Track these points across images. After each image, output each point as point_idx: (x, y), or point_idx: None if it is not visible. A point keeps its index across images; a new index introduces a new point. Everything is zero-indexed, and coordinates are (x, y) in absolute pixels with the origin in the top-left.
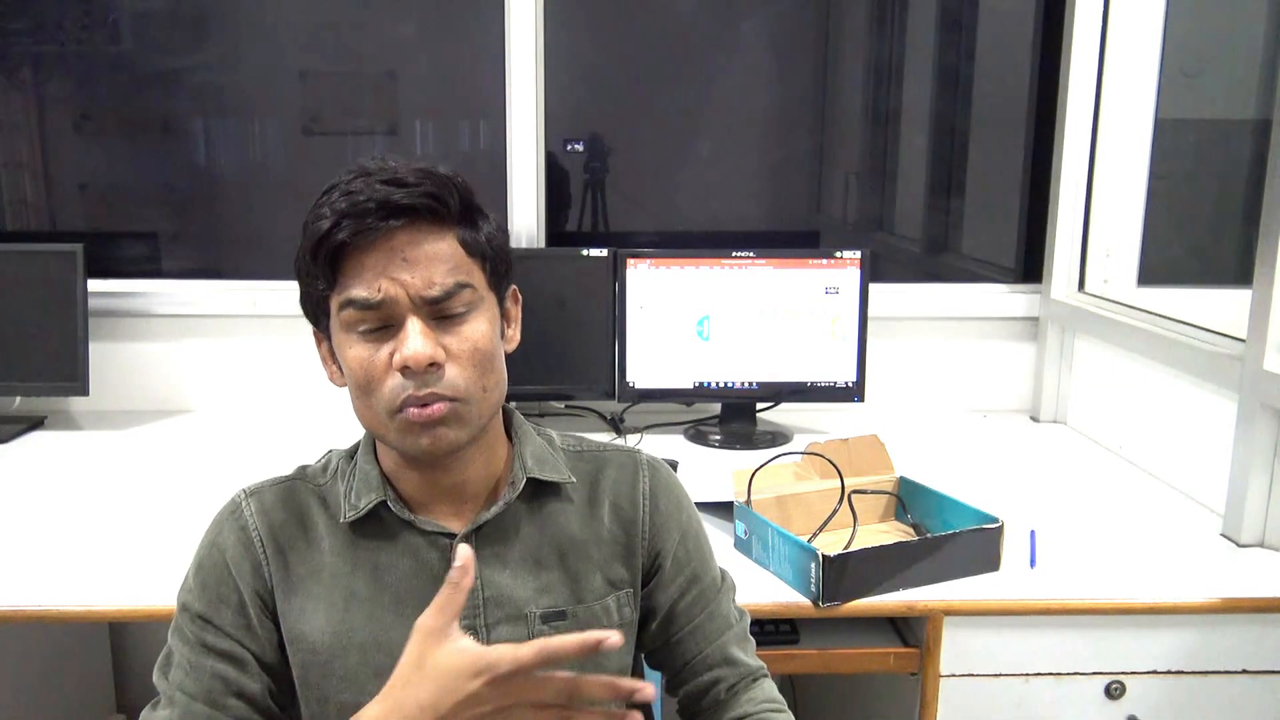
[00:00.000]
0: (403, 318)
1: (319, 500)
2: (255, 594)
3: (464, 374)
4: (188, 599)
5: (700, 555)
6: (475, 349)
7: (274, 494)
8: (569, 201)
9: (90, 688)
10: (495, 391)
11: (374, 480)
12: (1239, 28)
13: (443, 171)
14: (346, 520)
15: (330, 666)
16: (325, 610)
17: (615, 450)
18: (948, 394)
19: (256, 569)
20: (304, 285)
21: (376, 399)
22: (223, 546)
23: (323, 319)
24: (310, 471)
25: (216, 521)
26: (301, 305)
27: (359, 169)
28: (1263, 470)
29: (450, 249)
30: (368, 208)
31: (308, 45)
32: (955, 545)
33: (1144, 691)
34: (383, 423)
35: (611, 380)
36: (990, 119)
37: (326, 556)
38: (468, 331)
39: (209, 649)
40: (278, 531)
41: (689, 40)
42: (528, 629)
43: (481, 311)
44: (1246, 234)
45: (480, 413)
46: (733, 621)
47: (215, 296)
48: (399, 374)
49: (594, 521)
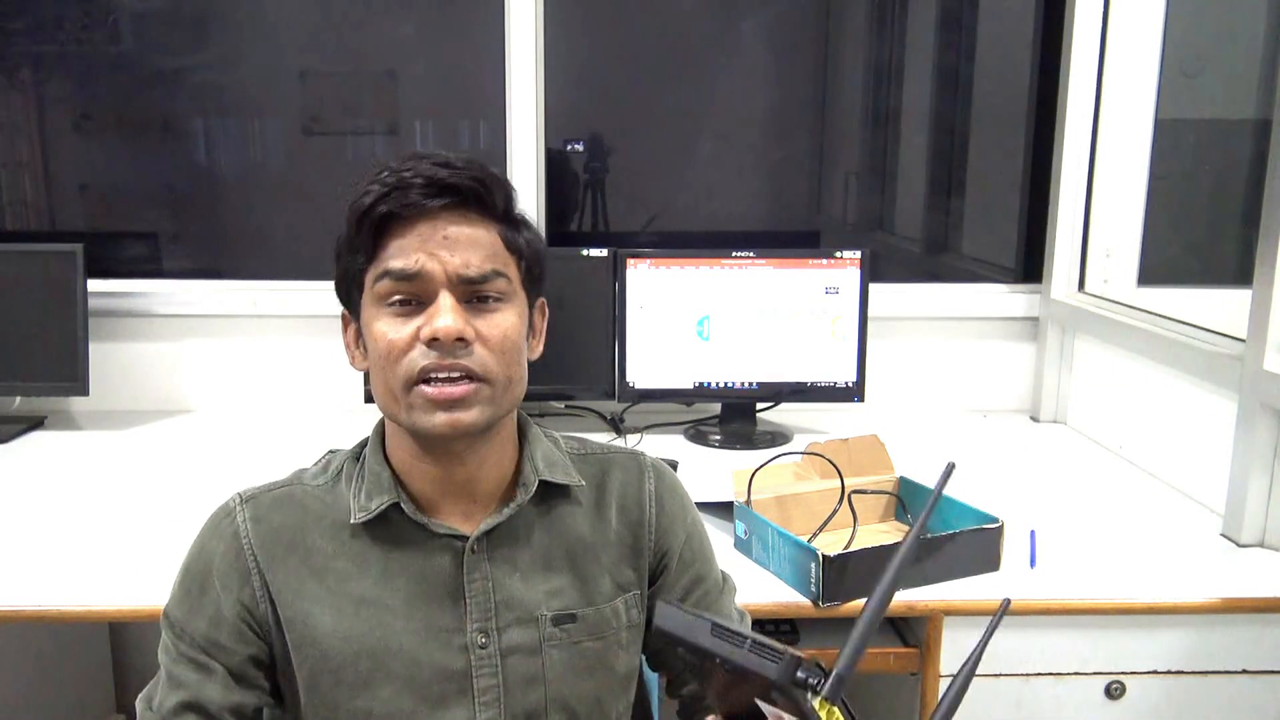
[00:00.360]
0: (435, 293)
1: (320, 502)
2: (240, 604)
3: (492, 357)
4: (169, 606)
5: (704, 557)
6: (505, 336)
7: (271, 499)
8: (575, 206)
9: (90, 688)
10: (518, 385)
11: (385, 481)
12: (1239, 28)
13: (493, 169)
14: (357, 521)
15: (341, 673)
16: (333, 615)
17: (619, 452)
18: (948, 394)
19: (245, 579)
20: (342, 263)
21: (396, 371)
22: (209, 554)
23: (355, 295)
24: (309, 474)
25: (206, 527)
26: (336, 287)
27: (411, 154)
28: (1263, 470)
29: (490, 238)
30: (414, 183)
31: (308, 45)
32: (955, 545)
33: (1144, 691)
34: (398, 398)
35: (611, 380)
36: (990, 119)
37: (331, 559)
38: (498, 319)
39: (180, 656)
40: (275, 537)
41: (689, 40)
42: (539, 631)
43: (513, 305)
44: (1246, 234)
45: (501, 401)
46: (739, 624)
47: (215, 296)
48: (424, 346)
49: (602, 524)
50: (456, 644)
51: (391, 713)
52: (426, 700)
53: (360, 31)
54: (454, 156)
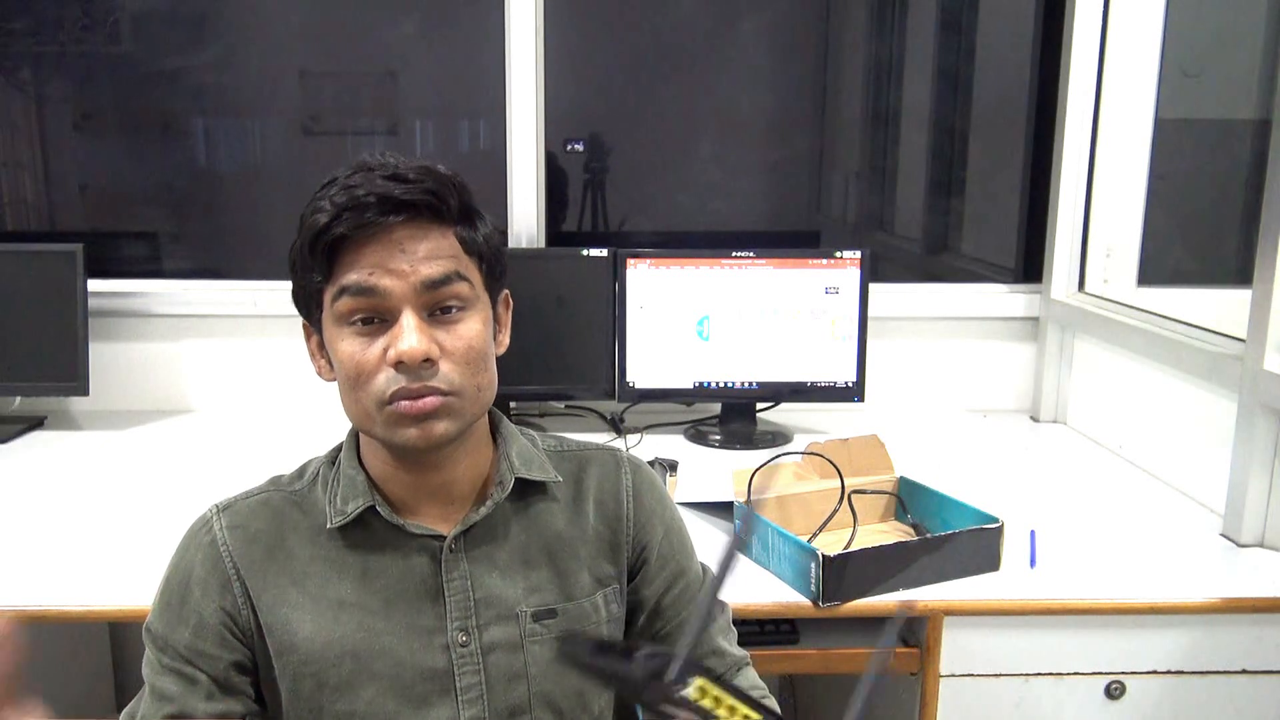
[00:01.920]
0: (398, 310)
1: (297, 507)
2: (222, 611)
3: (457, 370)
4: (150, 619)
5: (684, 551)
6: (469, 347)
7: (248, 506)
8: (568, 203)
9: (90, 688)
10: (487, 391)
11: (360, 485)
12: (1239, 28)
13: (442, 170)
14: (333, 525)
15: (323, 676)
16: (313, 619)
17: (596, 449)
18: (948, 394)
19: (225, 586)
20: (298, 278)
21: (366, 393)
22: (188, 566)
23: (315, 311)
24: (284, 480)
25: (184, 540)
26: (294, 298)
27: (359, 165)
28: (1263, 470)
29: (449, 245)
30: (368, 202)
31: (308, 45)
32: (955, 545)
33: (1144, 691)
34: (371, 416)
35: (611, 380)
36: (990, 119)
37: (310, 564)
38: (462, 330)
39: (163, 668)
40: (252, 545)
41: (689, 40)
42: (519, 628)
43: (476, 311)
44: (1246, 234)
45: (471, 410)
46: (716, 615)
47: (215, 296)
48: (391, 369)
49: (580, 519)
50: (438, 643)
51: (375, 714)
52: (410, 700)
53: (360, 31)
54: (404, 166)
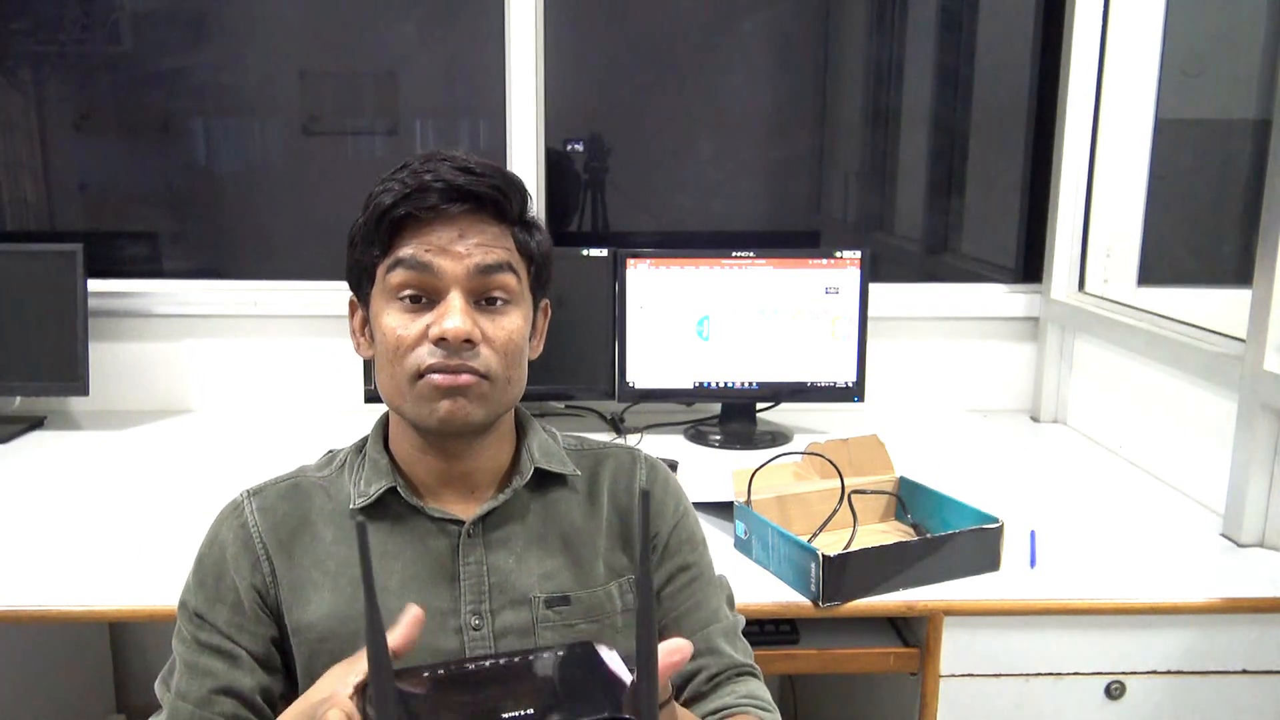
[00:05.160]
0: (446, 291)
1: (324, 492)
2: (253, 589)
3: (495, 357)
4: (186, 596)
5: (692, 547)
6: (509, 339)
7: (277, 491)
8: (575, 205)
9: (90, 688)
10: (516, 386)
11: (384, 468)
12: (1239, 28)
13: (511, 173)
14: (356, 505)
15: (338, 655)
16: (331, 598)
17: (615, 447)
18: (948, 394)
19: (255, 565)
20: (355, 252)
21: (402, 366)
22: (222, 543)
23: (366, 286)
24: (312, 467)
25: (217, 520)
26: (347, 274)
27: (432, 154)
28: (1263, 470)
29: (505, 240)
30: (435, 188)
31: (308, 45)
32: (955, 545)
33: (1144, 691)
34: (403, 391)
35: (611, 380)
36: (990, 119)
37: (332, 545)
38: (505, 321)
39: (203, 646)
40: (280, 526)
41: (689, 40)
42: (531, 613)
43: (519, 308)
44: (1246, 234)
45: (500, 399)
46: (721, 617)
47: (215, 296)
48: (432, 344)
49: (595, 511)
50: (451, 626)
51: None
52: None
53: (360, 31)
54: (474, 161)
